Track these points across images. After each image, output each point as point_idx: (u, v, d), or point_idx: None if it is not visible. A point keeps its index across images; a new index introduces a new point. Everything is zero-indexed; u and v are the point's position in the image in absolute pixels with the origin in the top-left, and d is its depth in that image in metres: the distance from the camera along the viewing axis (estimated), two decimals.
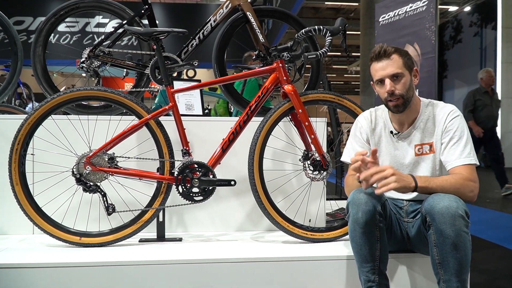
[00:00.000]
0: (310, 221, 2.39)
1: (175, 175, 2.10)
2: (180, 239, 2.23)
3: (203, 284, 1.88)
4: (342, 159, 2.03)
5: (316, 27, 2.08)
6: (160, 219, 2.21)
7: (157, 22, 2.75)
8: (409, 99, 1.80)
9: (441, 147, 1.79)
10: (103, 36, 2.59)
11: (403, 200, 1.91)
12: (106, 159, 2.05)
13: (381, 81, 1.81)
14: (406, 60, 1.80)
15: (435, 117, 1.82)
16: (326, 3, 15.94)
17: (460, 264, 1.53)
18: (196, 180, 2.09)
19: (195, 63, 2.35)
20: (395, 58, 1.78)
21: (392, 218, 1.85)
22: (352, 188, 1.81)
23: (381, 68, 1.79)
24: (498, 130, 11.63)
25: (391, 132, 1.90)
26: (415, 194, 1.82)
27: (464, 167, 1.70)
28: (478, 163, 1.72)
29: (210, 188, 2.12)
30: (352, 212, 1.69)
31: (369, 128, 1.97)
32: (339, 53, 20.18)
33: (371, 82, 1.90)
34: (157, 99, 3.72)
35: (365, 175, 1.61)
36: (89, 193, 2.05)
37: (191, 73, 3.53)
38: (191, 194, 2.10)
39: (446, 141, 1.77)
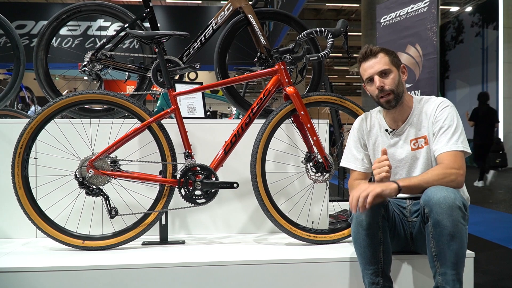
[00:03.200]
0: (313, 223, 2.38)
1: (178, 178, 2.10)
2: (183, 242, 2.23)
3: (206, 287, 1.88)
4: (342, 164, 2.05)
5: (317, 28, 2.09)
6: (163, 222, 2.21)
7: (158, 25, 2.76)
8: (399, 94, 1.83)
9: (433, 138, 1.80)
10: (105, 40, 2.59)
11: (406, 199, 1.91)
12: (109, 162, 2.05)
13: (371, 80, 1.85)
14: (393, 58, 1.86)
15: (427, 110, 1.85)
16: (327, 4, 15.93)
17: (456, 256, 1.53)
18: (199, 182, 2.09)
19: (197, 66, 2.35)
20: (381, 56, 1.84)
21: (395, 218, 1.85)
22: None
23: (369, 67, 1.84)
24: (500, 131, 11.66)
25: (386, 130, 1.92)
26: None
27: (449, 154, 1.70)
28: (468, 150, 1.71)
29: (213, 190, 2.12)
30: (356, 214, 1.69)
31: (364, 131, 2.00)
32: (341, 55, 20.18)
33: (363, 84, 1.94)
34: (159, 102, 3.71)
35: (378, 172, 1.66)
36: (92, 196, 2.05)
37: (192, 75, 3.53)
38: (194, 197, 2.10)
39: (436, 130, 1.79)
